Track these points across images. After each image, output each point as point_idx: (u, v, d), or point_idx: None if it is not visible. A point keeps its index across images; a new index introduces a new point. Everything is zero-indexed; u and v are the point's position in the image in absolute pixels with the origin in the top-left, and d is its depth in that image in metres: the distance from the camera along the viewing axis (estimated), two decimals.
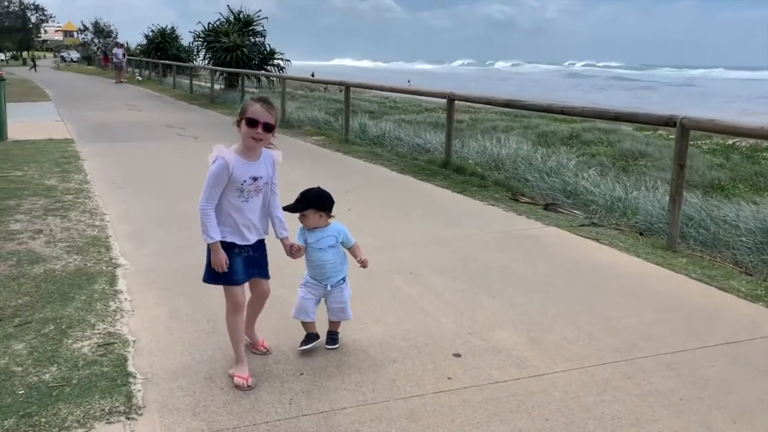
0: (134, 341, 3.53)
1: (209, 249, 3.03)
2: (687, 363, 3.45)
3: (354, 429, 2.76)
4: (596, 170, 8.59)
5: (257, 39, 25.36)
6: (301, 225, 3.36)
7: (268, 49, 25.51)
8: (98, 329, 3.63)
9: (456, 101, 9.31)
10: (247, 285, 3.22)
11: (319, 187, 3.40)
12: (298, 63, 32.90)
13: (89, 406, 2.83)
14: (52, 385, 2.99)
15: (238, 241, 3.06)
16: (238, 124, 3.00)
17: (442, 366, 3.35)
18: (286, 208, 3.28)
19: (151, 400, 2.94)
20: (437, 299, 4.28)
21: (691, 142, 14.63)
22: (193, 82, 25.48)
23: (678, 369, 3.38)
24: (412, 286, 4.53)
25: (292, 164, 9.48)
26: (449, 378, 3.23)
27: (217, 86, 23.03)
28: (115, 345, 3.45)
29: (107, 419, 2.76)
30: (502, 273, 4.84)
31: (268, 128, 2.97)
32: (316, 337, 3.45)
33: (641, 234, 6.19)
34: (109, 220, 6.00)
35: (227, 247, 3.03)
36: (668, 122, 5.68)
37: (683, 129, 5.45)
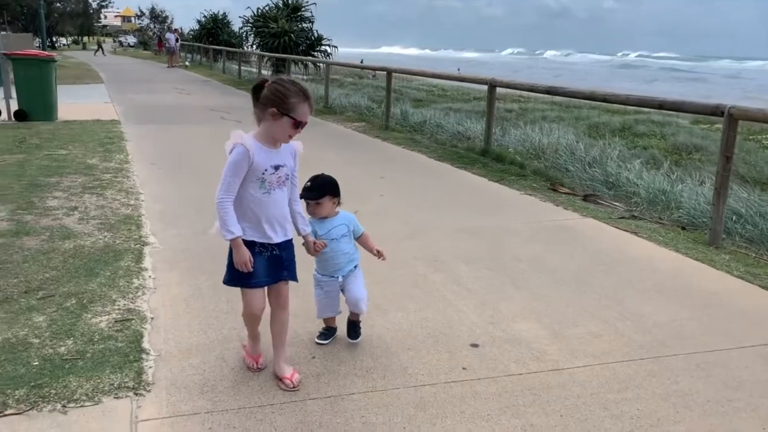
0: (152, 318, 3.54)
1: (231, 248, 2.75)
2: (719, 364, 3.27)
3: (360, 415, 2.70)
4: (641, 162, 8.29)
5: (305, 25, 25.45)
6: (309, 219, 3.16)
7: (315, 35, 25.57)
8: (118, 305, 3.66)
9: (498, 88, 9.11)
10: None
11: (326, 174, 3.26)
12: (345, 50, 32.88)
13: (99, 381, 2.84)
14: (66, 358, 3.02)
15: (260, 239, 2.76)
16: (274, 115, 2.64)
17: (458, 356, 3.26)
18: (301, 196, 3.06)
19: (161, 377, 2.94)
20: (460, 288, 4.18)
21: (750, 137, 14.07)
22: (242, 68, 25.77)
23: (709, 370, 3.21)
24: (436, 273, 4.43)
25: (329, 149, 9.49)
26: (464, 368, 3.13)
27: (264, 71, 23.23)
28: (133, 321, 3.47)
29: (115, 394, 2.76)
30: (531, 264, 4.70)
31: (304, 126, 2.73)
32: (335, 331, 3.37)
33: (683, 228, 5.94)
34: (144, 200, 6.08)
35: (248, 245, 2.74)
36: (715, 111, 5.40)
37: (731, 119, 5.17)
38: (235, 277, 2.78)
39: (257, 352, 3.02)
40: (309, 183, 3.11)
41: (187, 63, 34.19)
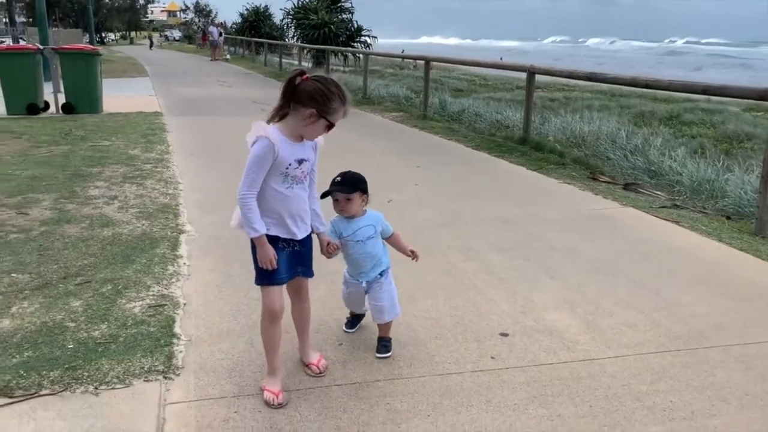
0: (185, 304, 3.60)
1: (254, 246, 2.62)
2: (760, 356, 3.15)
3: (384, 402, 2.69)
4: (688, 151, 8.04)
5: (345, 16, 25.47)
6: (333, 219, 2.98)
7: (355, 26, 25.56)
8: (152, 291, 3.73)
9: (538, 75, 8.95)
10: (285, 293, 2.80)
11: (354, 171, 3.04)
12: (385, 41, 32.82)
13: (130, 364, 2.90)
14: (100, 341, 3.09)
15: (283, 235, 2.65)
16: (311, 115, 2.50)
17: (487, 345, 3.22)
18: (332, 191, 2.88)
19: (190, 361, 2.98)
20: (492, 277, 4.13)
21: None
22: (284, 60, 25.96)
23: (748, 362, 3.09)
24: (468, 262, 4.38)
25: (366, 138, 9.50)
26: (492, 357, 3.09)
27: (305, 63, 23.36)
28: (166, 307, 3.53)
29: (145, 377, 2.82)
30: (567, 253, 4.61)
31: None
32: (361, 317, 3.33)
33: (728, 218, 5.74)
34: (182, 189, 6.19)
35: (272, 240, 2.62)
36: (763, 96, 5.19)
37: None
38: (262, 275, 2.66)
39: (278, 387, 2.72)
40: (339, 177, 2.93)
41: (228, 56, 34.58)
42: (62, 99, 11.58)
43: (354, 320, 3.34)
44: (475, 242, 4.79)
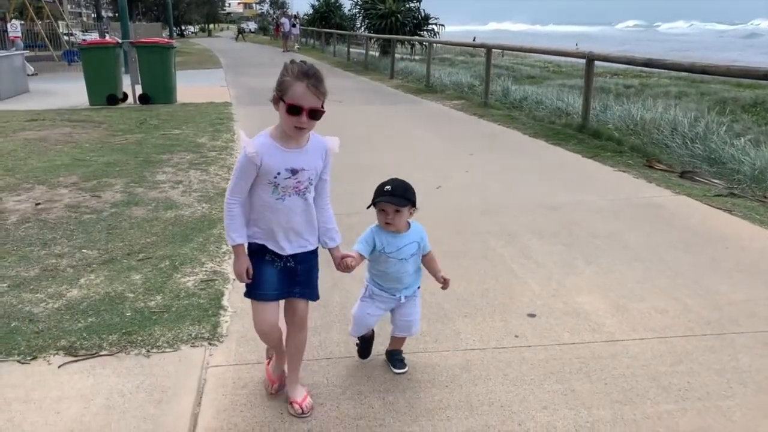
0: (233, 279, 3.87)
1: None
2: None
3: (406, 372, 2.87)
4: (751, 138, 7.78)
5: (412, 4, 25.51)
6: (373, 228, 2.68)
7: (422, 14, 25.58)
8: (206, 267, 4.03)
9: (596, 61, 8.84)
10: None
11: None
12: (453, 29, 32.65)
13: (179, 331, 3.19)
14: (154, 310, 3.41)
15: (272, 247, 2.41)
16: (275, 101, 2.30)
17: (513, 324, 3.34)
18: (381, 201, 2.57)
19: (233, 330, 3.24)
20: (529, 261, 4.22)
21: None
22: (352, 50, 26.30)
23: None
24: (506, 247, 4.48)
25: (420, 126, 9.66)
26: (516, 336, 3.21)
27: (372, 53, 23.61)
28: (216, 282, 3.82)
29: (192, 343, 3.10)
30: (608, 240, 4.64)
31: (315, 115, 2.28)
32: (372, 339, 2.98)
33: None
34: None
35: (257, 251, 2.42)
36: None
37: None
38: (247, 287, 2.48)
39: (277, 373, 2.70)
40: (389, 186, 2.60)
41: (297, 47, 35.22)
42: (139, 90, 12.24)
43: (367, 344, 2.98)
44: (516, 228, 4.88)
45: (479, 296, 3.68)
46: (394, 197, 2.58)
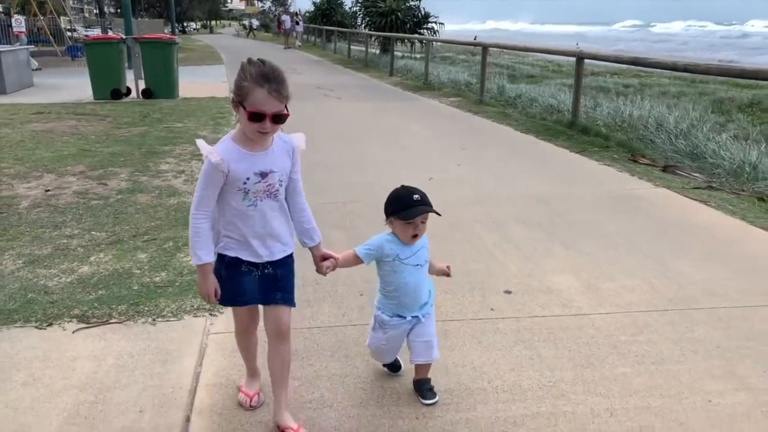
0: None
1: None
2: (743, 318, 3.42)
3: None
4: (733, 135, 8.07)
5: (412, 3, 25.76)
6: (385, 236, 2.50)
7: (422, 12, 25.84)
8: None
9: (591, 60, 9.13)
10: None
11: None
12: (453, 27, 32.90)
13: (182, 303, 3.48)
14: (159, 285, 3.69)
15: (247, 258, 2.29)
16: (235, 105, 2.15)
17: (490, 299, 3.62)
18: (421, 211, 2.38)
19: None
20: (510, 246, 4.50)
21: None
22: (352, 47, 26.58)
23: (730, 322, 3.37)
24: (490, 234, 4.76)
25: (417, 121, 9.93)
26: (492, 309, 3.49)
27: (372, 50, 23.88)
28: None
29: (194, 313, 3.38)
30: (588, 228, 4.91)
31: (279, 119, 2.14)
32: (398, 367, 2.82)
33: (762, 199, 5.85)
34: None
35: (233, 263, 2.29)
36: None
37: None
38: (222, 297, 2.33)
39: (253, 389, 2.61)
40: (417, 195, 2.41)
41: (298, 44, 35.45)
42: (142, 85, 12.51)
43: (392, 367, 2.82)
44: (501, 217, 5.16)
45: (461, 275, 3.95)
46: (428, 206, 2.40)
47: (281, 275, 2.35)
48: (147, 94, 12.38)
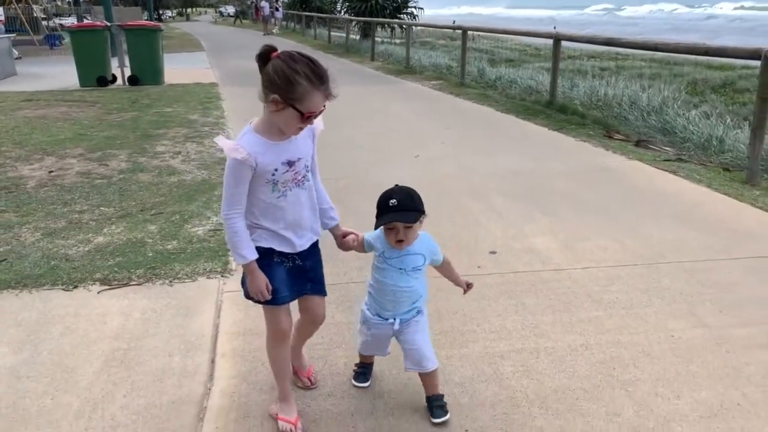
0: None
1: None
2: (705, 270, 3.80)
3: None
4: (709, 111, 8.48)
5: None
6: (368, 235, 2.42)
7: None
8: (212, 221, 4.60)
9: (563, 41, 9.50)
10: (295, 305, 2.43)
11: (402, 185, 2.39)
12: (431, 12, 33.10)
13: (196, 266, 3.78)
14: (172, 252, 3.98)
15: (279, 248, 2.23)
16: (276, 103, 2.05)
17: (476, 258, 3.96)
18: (389, 220, 2.26)
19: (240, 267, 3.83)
20: (494, 213, 4.85)
21: None
22: (333, 33, 26.72)
23: (694, 273, 3.75)
24: (475, 203, 5.10)
25: (401, 103, 10.25)
26: (478, 266, 3.84)
27: (353, 36, 24.06)
28: (222, 231, 4.39)
29: (207, 275, 3.68)
30: (565, 197, 5.28)
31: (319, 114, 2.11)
32: (372, 367, 2.70)
33: (727, 170, 6.26)
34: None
35: (265, 254, 2.21)
36: (754, 55, 5.68)
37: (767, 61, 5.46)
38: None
39: (294, 414, 2.42)
40: (395, 199, 2.25)
41: (275, 30, 35.36)
42: (128, 72, 12.65)
43: (366, 370, 2.69)
44: (484, 189, 5.50)
45: (448, 239, 4.29)
46: (404, 212, 2.25)
47: (310, 266, 2.33)
48: (133, 80, 12.53)
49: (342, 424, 2.44)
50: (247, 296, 2.30)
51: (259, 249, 2.19)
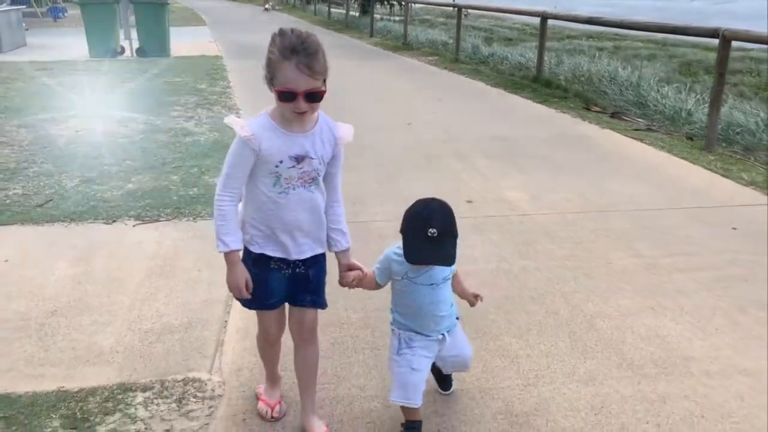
0: None
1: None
2: (648, 217, 4.45)
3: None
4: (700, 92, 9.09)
5: None
6: (390, 253, 2.17)
7: None
8: None
9: (549, 20, 10.06)
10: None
11: (435, 198, 2.27)
12: None
13: None
14: (193, 197, 4.63)
15: (274, 254, 2.06)
16: (270, 82, 1.95)
17: (454, 206, 4.53)
18: (433, 262, 2.08)
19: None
20: (474, 172, 5.49)
21: None
22: (332, 9, 27.11)
23: (639, 218, 4.40)
24: (458, 164, 5.74)
25: (397, 77, 10.85)
26: None
27: (352, 12, 24.48)
28: None
29: None
30: (539, 159, 5.91)
31: (314, 97, 1.92)
32: (419, 425, 2.22)
33: (690, 138, 6.90)
34: (243, 113, 7.68)
35: (259, 258, 2.07)
36: (713, 34, 6.28)
37: (724, 40, 6.07)
38: (246, 301, 2.12)
39: (275, 398, 2.35)
40: (435, 230, 2.05)
41: (267, 6, 35.11)
42: (135, 44, 13.18)
43: (414, 427, 2.22)
44: (469, 152, 6.13)
45: (431, 192, 4.85)
46: (446, 250, 2.07)
47: (313, 276, 2.14)
48: (141, 52, 13.06)
49: None
50: (243, 303, 2.18)
51: (253, 254, 2.06)
